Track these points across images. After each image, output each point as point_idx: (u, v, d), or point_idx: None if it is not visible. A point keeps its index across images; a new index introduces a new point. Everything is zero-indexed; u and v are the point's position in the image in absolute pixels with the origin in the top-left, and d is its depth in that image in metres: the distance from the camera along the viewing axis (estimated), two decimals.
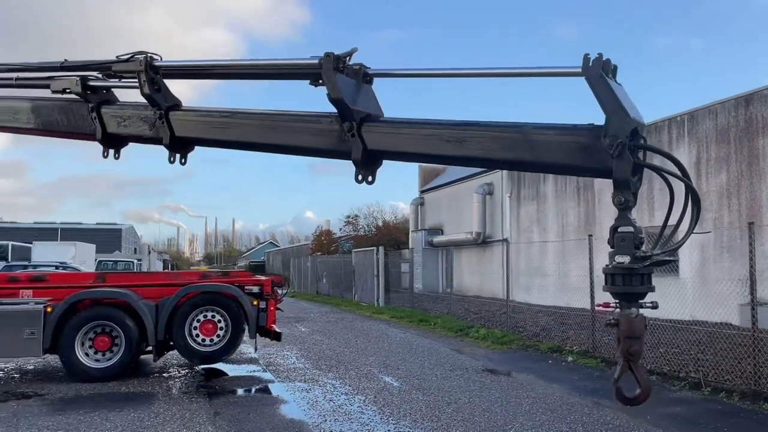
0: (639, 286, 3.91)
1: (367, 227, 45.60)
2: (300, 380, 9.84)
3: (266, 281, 10.62)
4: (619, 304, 4.02)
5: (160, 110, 5.65)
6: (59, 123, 6.01)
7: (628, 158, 3.83)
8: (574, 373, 10.41)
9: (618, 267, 3.90)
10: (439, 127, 4.64)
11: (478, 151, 4.44)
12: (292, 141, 5.21)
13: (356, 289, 28.69)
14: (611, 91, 3.92)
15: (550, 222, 23.77)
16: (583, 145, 4.04)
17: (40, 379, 9.82)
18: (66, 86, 5.71)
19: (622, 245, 3.89)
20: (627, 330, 3.98)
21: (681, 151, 17.15)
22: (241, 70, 5.82)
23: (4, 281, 10.00)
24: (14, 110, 6.25)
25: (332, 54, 4.78)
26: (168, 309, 9.79)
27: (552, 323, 15.55)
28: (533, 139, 4.23)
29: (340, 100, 4.68)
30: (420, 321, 18.63)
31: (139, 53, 5.67)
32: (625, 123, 3.85)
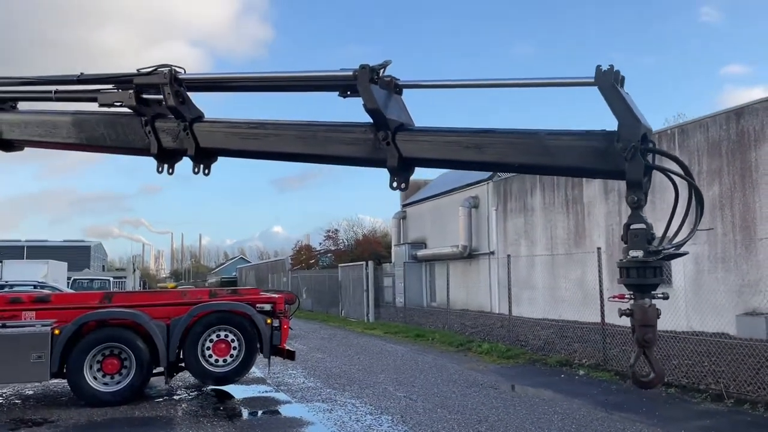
0: (652, 278, 4.20)
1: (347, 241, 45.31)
2: (318, 400, 9.59)
3: (279, 299, 10.37)
4: (633, 295, 4.30)
5: (185, 122, 5.63)
6: (105, 138, 5.77)
7: (640, 161, 4.16)
8: (591, 387, 10.37)
9: (632, 261, 4.20)
10: (469, 135, 4.85)
11: (497, 157, 4.74)
12: (326, 150, 5.31)
13: (343, 305, 28.39)
14: (623, 99, 4.22)
15: (539, 235, 23.91)
16: (597, 149, 4.34)
17: (44, 405, 9.38)
18: (117, 99, 5.48)
19: (636, 241, 4.21)
20: (641, 319, 4.27)
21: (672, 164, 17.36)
22: (269, 82, 5.75)
23: (6, 303, 9.55)
24: (52, 124, 5.98)
25: (367, 66, 4.91)
26: (180, 329, 9.47)
27: (552, 336, 15.54)
28: (551, 145, 4.53)
29: (376, 110, 4.85)
30: (416, 336, 18.47)
31: (162, 66, 5.61)
32: (636, 128, 4.17)
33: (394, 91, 5.12)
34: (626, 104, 4.23)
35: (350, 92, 5.07)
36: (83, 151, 6.16)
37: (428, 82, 5.35)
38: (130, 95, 5.41)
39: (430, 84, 5.39)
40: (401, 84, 5.14)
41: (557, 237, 22.73)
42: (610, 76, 4.20)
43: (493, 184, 27.44)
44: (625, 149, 4.14)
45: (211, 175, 5.76)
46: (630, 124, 4.19)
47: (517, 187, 25.55)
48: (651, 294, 4.29)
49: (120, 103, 5.55)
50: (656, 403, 9.10)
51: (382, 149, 4.95)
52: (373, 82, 4.87)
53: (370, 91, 4.82)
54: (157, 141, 5.58)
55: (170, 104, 5.47)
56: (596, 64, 4.29)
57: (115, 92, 5.52)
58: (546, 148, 4.55)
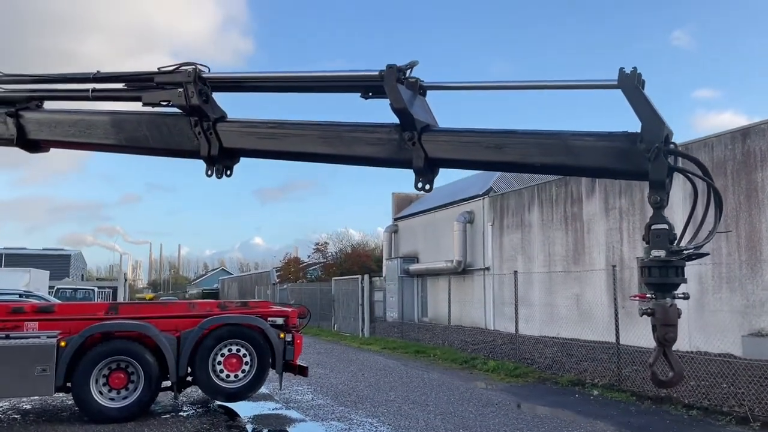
0: (674, 278, 4.24)
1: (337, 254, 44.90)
2: (333, 419, 9.25)
3: (292, 312, 10.05)
4: (655, 295, 4.33)
5: (208, 121, 5.44)
6: (148, 139, 5.48)
7: (663, 161, 4.29)
8: (609, 408, 10.14)
9: (654, 260, 4.26)
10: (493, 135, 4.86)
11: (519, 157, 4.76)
12: (350, 151, 5.28)
13: (336, 319, 28.00)
14: (647, 100, 4.31)
15: (536, 251, 23.78)
16: (620, 150, 4.42)
17: (46, 420, 8.93)
18: (166, 99, 5.20)
19: (658, 240, 4.29)
20: (663, 318, 4.31)
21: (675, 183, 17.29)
22: (293, 82, 5.64)
23: (8, 313, 9.11)
24: (87, 124, 5.67)
25: (394, 66, 4.90)
26: (191, 342, 9.10)
27: (558, 354, 15.32)
28: (574, 145, 4.60)
29: (404, 110, 4.81)
30: (416, 352, 18.16)
31: (185, 64, 5.42)
32: (660, 130, 4.28)
33: (419, 92, 5.12)
34: (650, 106, 4.31)
35: (373, 93, 5.10)
36: (120, 152, 5.86)
37: (453, 83, 5.38)
38: (180, 94, 5.15)
39: (455, 86, 5.41)
40: (426, 85, 5.15)
41: (555, 254, 22.60)
42: (633, 79, 4.29)
43: (489, 200, 27.34)
44: (648, 150, 4.22)
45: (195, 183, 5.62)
46: (653, 126, 4.27)
47: (514, 202, 25.46)
48: (672, 294, 4.32)
49: (167, 103, 5.27)
50: (681, 426, 8.91)
51: (407, 150, 4.94)
52: (399, 82, 4.88)
53: (397, 90, 4.81)
54: (219, 141, 5.33)
55: (194, 103, 5.27)
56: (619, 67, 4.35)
57: (164, 91, 5.25)
58: (569, 149, 4.62)
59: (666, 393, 10.48)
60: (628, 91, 4.33)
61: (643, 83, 4.40)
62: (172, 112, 5.44)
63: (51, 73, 5.93)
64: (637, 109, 4.32)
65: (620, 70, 4.35)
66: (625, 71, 4.32)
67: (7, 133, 5.96)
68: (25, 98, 6.01)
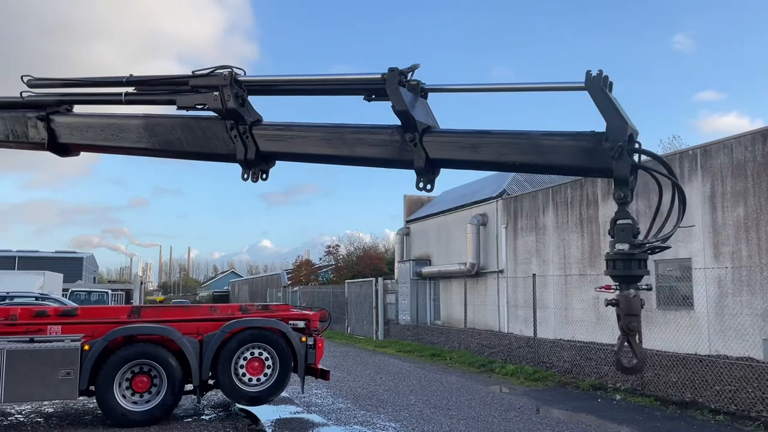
0: (637, 270, 4.50)
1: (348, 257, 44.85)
2: (355, 423, 9.21)
3: (313, 315, 10.02)
4: (619, 286, 4.61)
5: (245, 125, 5.47)
6: (182, 142, 5.47)
7: (627, 159, 4.47)
8: (634, 413, 10.03)
9: (618, 253, 4.51)
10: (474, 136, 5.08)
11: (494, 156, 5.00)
12: (354, 152, 5.40)
13: (349, 322, 27.96)
14: (611, 101, 4.51)
15: (551, 254, 23.64)
16: (587, 149, 4.64)
17: (69, 423, 8.94)
18: (201, 102, 5.18)
19: (622, 234, 4.54)
20: (626, 308, 4.55)
21: (694, 185, 17.26)
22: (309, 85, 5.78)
23: (31, 316, 9.11)
24: (119, 128, 5.65)
25: (396, 69, 5.05)
26: (214, 346, 9.09)
27: (576, 358, 15.20)
28: (544, 144, 4.83)
29: (405, 111, 4.96)
30: (432, 356, 18.08)
31: (221, 67, 5.41)
32: (624, 129, 4.48)
33: (420, 94, 5.26)
34: (614, 107, 4.52)
35: (375, 96, 5.23)
36: (153, 156, 5.85)
37: (453, 86, 5.53)
38: (216, 97, 5.12)
39: (455, 88, 5.55)
40: (427, 88, 5.31)
41: (571, 256, 22.46)
42: (599, 81, 4.50)
43: (503, 202, 27.21)
44: (613, 149, 4.43)
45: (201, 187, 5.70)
46: (617, 126, 4.48)
47: (528, 205, 25.33)
48: (636, 285, 4.57)
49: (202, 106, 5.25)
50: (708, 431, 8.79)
51: (408, 151, 5.07)
52: (401, 85, 5.03)
53: (399, 93, 4.97)
54: (245, 146, 5.31)
55: (230, 107, 5.28)
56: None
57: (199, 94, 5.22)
58: (539, 148, 4.83)
59: (690, 398, 10.37)
60: (594, 92, 4.52)
61: (610, 85, 4.63)
62: (207, 115, 5.43)
63: (82, 77, 5.92)
64: (602, 109, 4.52)
65: (587, 72, 4.55)
66: (592, 74, 4.52)
67: (38, 137, 5.96)
68: (55, 102, 6.01)
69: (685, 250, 17.41)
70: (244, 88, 5.48)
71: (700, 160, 17.29)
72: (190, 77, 5.47)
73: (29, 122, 5.98)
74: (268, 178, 5.70)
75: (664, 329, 16.78)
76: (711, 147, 17.17)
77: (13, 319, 9.03)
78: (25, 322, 8.95)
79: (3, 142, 6.20)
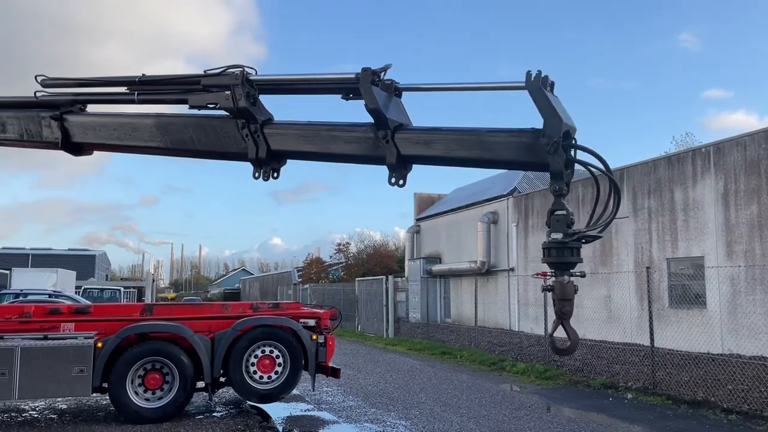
0: (570, 257, 4.86)
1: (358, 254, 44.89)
2: (366, 420, 9.23)
3: (324, 314, 10.04)
4: (554, 273, 4.97)
5: (256, 124, 5.54)
6: (194, 141, 5.51)
7: (562, 154, 4.76)
8: (645, 412, 9.98)
9: (553, 242, 4.86)
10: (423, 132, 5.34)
11: (444, 151, 5.26)
12: (330, 149, 5.57)
13: (359, 319, 27.99)
14: (548, 100, 4.77)
15: None
16: (527, 144, 4.92)
17: (83, 420, 9.02)
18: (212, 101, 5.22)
19: (557, 225, 4.85)
20: (560, 293, 4.92)
21: (707, 182, 17.14)
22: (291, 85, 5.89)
23: (45, 314, 9.21)
24: (131, 127, 5.70)
25: (369, 69, 5.24)
26: (225, 343, 9.13)
27: (588, 356, 15.14)
28: (489, 141, 5.11)
29: (377, 110, 5.21)
30: (442, 353, 18.08)
31: (232, 66, 5.46)
32: (558, 126, 4.73)
33: (394, 93, 5.46)
34: (550, 105, 4.75)
35: (353, 95, 5.40)
36: (166, 155, 5.88)
37: (426, 85, 5.79)
38: (227, 97, 5.16)
39: (428, 87, 5.78)
40: (401, 87, 5.53)
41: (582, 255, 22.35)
42: (538, 81, 4.77)
43: (514, 200, 27.14)
44: (549, 144, 4.71)
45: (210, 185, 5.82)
46: (553, 123, 4.73)
47: (539, 203, 25.24)
48: (569, 272, 4.92)
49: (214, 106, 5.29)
50: (722, 431, 8.74)
51: (381, 147, 5.26)
52: (374, 84, 5.23)
53: (371, 92, 5.16)
54: (256, 145, 5.36)
55: (241, 106, 5.34)
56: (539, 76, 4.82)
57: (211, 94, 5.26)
58: (485, 144, 5.10)
59: (703, 397, 10.31)
60: (533, 92, 4.78)
61: (552, 85, 4.91)
62: (219, 114, 5.47)
63: (95, 77, 5.97)
64: (540, 107, 4.77)
65: (527, 73, 4.78)
66: (531, 75, 4.78)
67: (51, 137, 6.02)
68: (69, 102, 6.07)
69: (697, 249, 17.30)
70: (255, 87, 5.52)
71: (713, 158, 17.16)
72: (201, 77, 5.51)
73: (43, 122, 6.04)
74: (279, 176, 5.74)
75: (676, 328, 16.69)
76: (724, 144, 17.02)
77: (27, 316, 9.14)
78: (39, 319, 9.05)
79: (17, 141, 6.26)
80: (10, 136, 6.22)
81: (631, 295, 19.28)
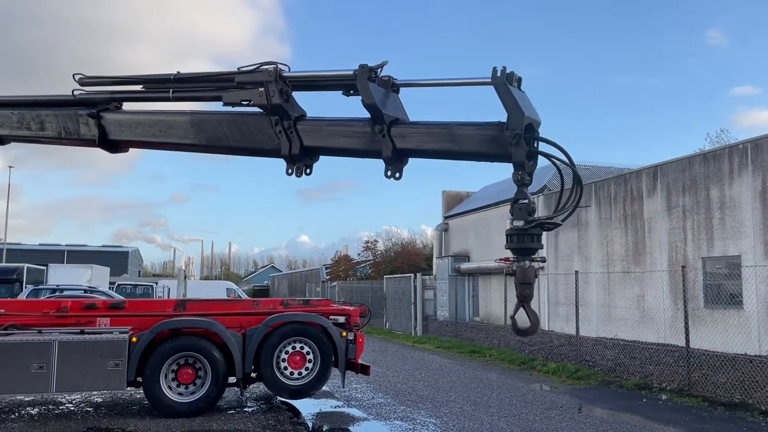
0: (530, 243, 5.15)
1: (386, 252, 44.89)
2: (396, 418, 9.22)
3: (353, 311, 10.06)
4: (516, 258, 5.25)
5: (289, 120, 5.62)
6: (228, 138, 5.58)
7: (523, 146, 5.01)
8: (680, 413, 9.78)
9: (515, 229, 5.13)
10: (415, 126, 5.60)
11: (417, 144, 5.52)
12: (329, 143, 5.71)
13: (387, 317, 28.00)
14: (511, 94, 5.04)
15: (594, 251, 23.23)
16: (492, 137, 5.18)
17: (117, 413, 9.18)
18: (246, 98, 5.26)
19: (519, 213, 5.13)
20: (522, 277, 5.26)
21: (744, 180, 16.73)
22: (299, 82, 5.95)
23: (81, 309, 9.40)
24: (167, 125, 5.78)
25: (366, 65, 5.38)
26: (257, 339, 9.21)
27: (620, 356, 14.91)
28: (457, 134, 5.36)
29: (373, 105, 5.35)
30: (471, 352, 17.99)
31: (266, 63, 5.48)
32: (520, 119, 4.99)
33: (392, 89, 5.64)
34: (514, 99, 5.00)
35: (353, 91, 5.53)
36: (200, 151, 5.96)
37: (421, 81, 5.95)
38: (261, 93, 5.20)
39: (424, 83, 5.94)
40: (398, 83, 5.70)
41: (614, 253, 22.02)
42: (503, 77, 5.04)
43: (544, 197, 26.80)
44: (511, 136, 4.97)
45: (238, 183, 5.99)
46: (516, 116, 4.98)
47: None
48: (531, 257, 5.21)
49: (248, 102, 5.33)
50: None
51: (378, 141, 5.44)
52: (371, 80, 5.38)
53: (367, 88, 5.31)
54: (289, 142, 5.40)
55: (275, 102, 5.39)
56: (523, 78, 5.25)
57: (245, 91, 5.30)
58: (454, 137, 5.35)
59: (740, 399, 10.07)
60: (497, 87, 5.03)
61: (519, 81, 5.20)
62: (253, 111, 5.50)
63: (131, 75, 6.06)
64: (504, 102, 5.03)
65: (493, 69, 5.05)
66: (497, 71, 5.04)
67: (89, 134, 6.12)
68: (105, 100, 6.17)
69: (734, 248, 16.90)
70: (289, 83, 5.54)
71: (751, 155, 16.73)
72: (235, 74, 5.55)
73: (81, 119, 6.14)
74: (312, 172, 5.78)
75: (712, 329, 16.32)
76: (762, 141, 16.58)
77: (64, 311, 9.33)
78: (76, 314, 9.24)
79: (56, 139, 6.38)
80: (49, 134, 6.34)
81: (665, 294, 18.91)
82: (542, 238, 5.34)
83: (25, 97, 6.60)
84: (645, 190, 20.68)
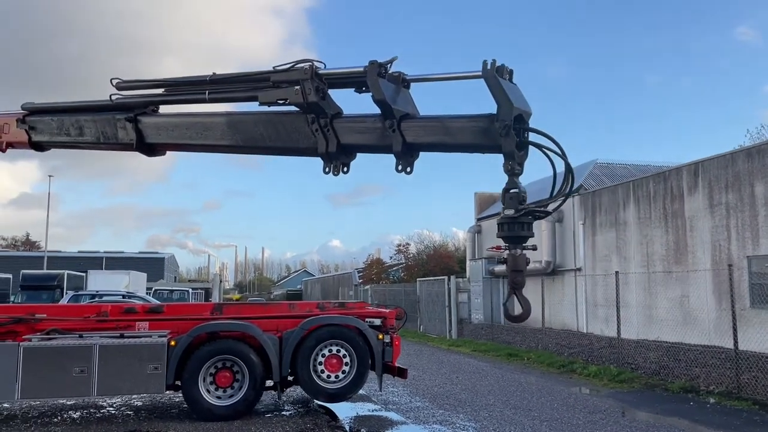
0: (521, 232, 5.30)
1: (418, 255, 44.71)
2: (434, 422, 9.07)
3: (389, 313, 9.96)
4: (508, 246, 5.46)
5: (326, 118, 5.65)
6: (264, 138, 5.56)
7: (513, 136, 5.16)
8: (730, 417, 9.42)
9: (506, 217, 5.31)
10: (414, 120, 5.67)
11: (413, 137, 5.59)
12: (343, 139, 5.71)
13: (421, 320, 27.83)
14: (501, 87, 5.14)
15: (633, 251, 22.70)
16: (483, 129, 5.30)
17: (157, 417, 9.23)
18: (282, 97, 5.23)
19: (510, 202, 5.34)
20: (513, 265, 5.49)
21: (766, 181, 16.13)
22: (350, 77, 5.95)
23: (121, 313, 9.49)
24: (203, 126, 5.78)
25: (375, 61, 5.43)
26: (293, 342, 9.16)
27: (664, 359, 14.50)
28: (451, 126, 5.46)
29: (382, 100, 5.39)
30: (508, 355, 17.71)
31: (302, 61, 5.46)
32: (510, 110, 5.12)
33: (402, 85, 5.68)
34: (503, 91, 5.11)
35: (365, 88, 5.57)
36: (237, 152, 5.95)
37: (432, 75, 5.98)
38: (297, 91, 5.16)
39: (429, 77, 5.98)
40: (408, 78, 5.74)
41: (654, 253, 21.48)
42: (493, 70, 5.17)
43: (580, 198, 26.36)
44: (501, 127, 5.09)
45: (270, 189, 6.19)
46: (505, 107, 5.11)
47: (607, 200, 24.44)
48: (522, 245, 5.36)
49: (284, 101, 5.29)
50: None
51: (388, 136, 5.51)
52: (381, 76, 5.41)
53: (377, 83, 5.35)
54: (326, 140, 5.37)
55: (311, 100, 5.39)
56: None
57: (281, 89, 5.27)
58: (448, 129, 5.43)
59: None
60: (487, 79, 5.13)
61: (510, 73, 5.30)
62: (288, 110, 5.47)
63: (167, 78, 6.07)
64: (493, 94, 5.12)
65: (483, 62, 5.16)
66: (487, 64, 5.15)
67: (126, 138, 6.16)
68: (142, 104, 6.19)
69: None
70: (325, 81, 5.52)
71: None
72: (271, 73, 5.52)
73: (118, 124, 6.18)
74: (349, 171, 5.74)
75: (760, 329, 15.74)
76: None
77: (104, 315, 9.43)
78: (116, 318, 9.33)
79: (94, 144, 6.44)
80: (88, 139, 6.40)
81: (708, 294, 18.36)
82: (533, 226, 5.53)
83: (64, 103, 6.69)
84: (686, 187, 20.13)
